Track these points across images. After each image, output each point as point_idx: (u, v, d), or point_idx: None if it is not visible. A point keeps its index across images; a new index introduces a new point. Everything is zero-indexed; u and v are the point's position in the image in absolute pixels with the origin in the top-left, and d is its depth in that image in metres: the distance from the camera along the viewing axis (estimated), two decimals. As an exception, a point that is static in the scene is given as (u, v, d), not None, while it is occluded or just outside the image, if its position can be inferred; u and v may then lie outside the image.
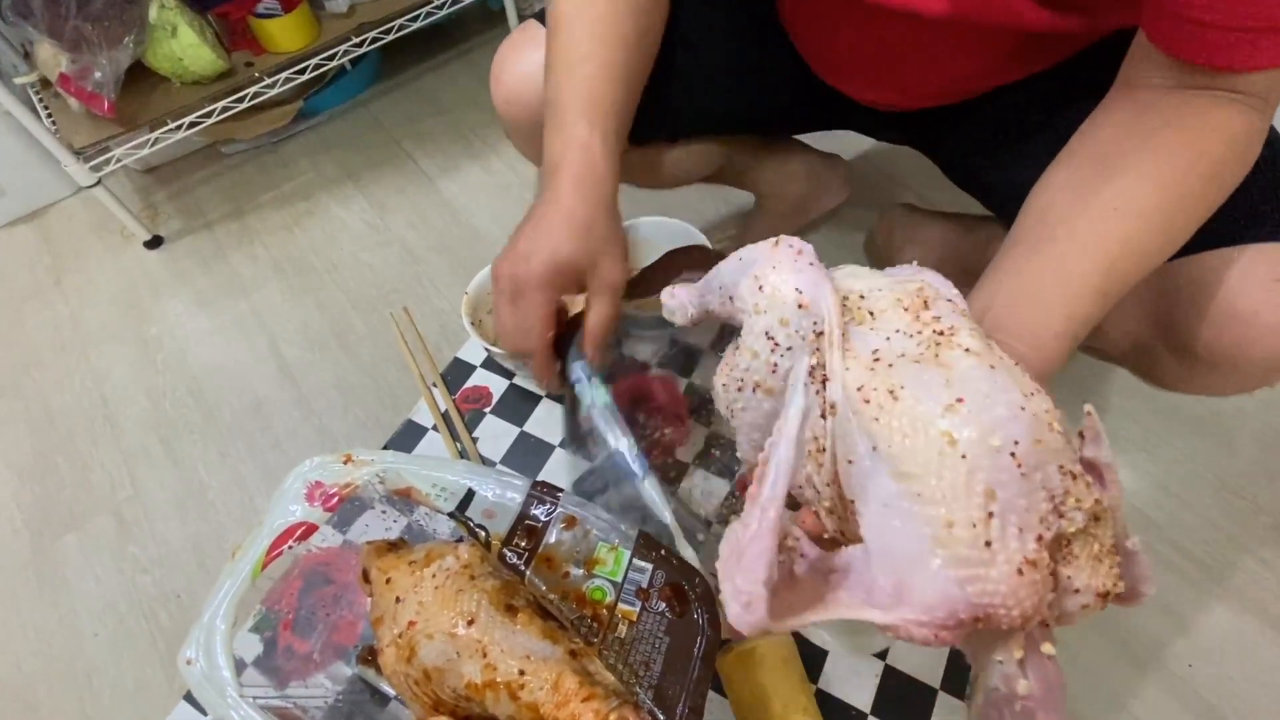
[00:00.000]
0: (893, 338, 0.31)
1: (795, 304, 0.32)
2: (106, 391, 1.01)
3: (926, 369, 0.29)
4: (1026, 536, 0.26)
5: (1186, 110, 0.40)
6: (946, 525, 0.26)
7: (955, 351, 0.29)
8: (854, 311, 0.33)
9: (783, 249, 0.34)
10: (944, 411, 0.27)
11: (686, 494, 0.63)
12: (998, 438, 0.26)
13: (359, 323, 1.05)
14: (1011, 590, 0.25)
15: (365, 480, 0.50)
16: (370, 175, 1.26)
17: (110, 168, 1.05)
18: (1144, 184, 0.39)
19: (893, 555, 0.27)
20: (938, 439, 0.27)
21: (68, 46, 0.98)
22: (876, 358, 0.30)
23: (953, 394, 0.27)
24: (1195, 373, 0.54)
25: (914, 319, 0.32)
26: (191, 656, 0.43)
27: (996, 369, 0.29)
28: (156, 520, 0.88)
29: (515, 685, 0.42)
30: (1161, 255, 0.40)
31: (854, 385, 0.29)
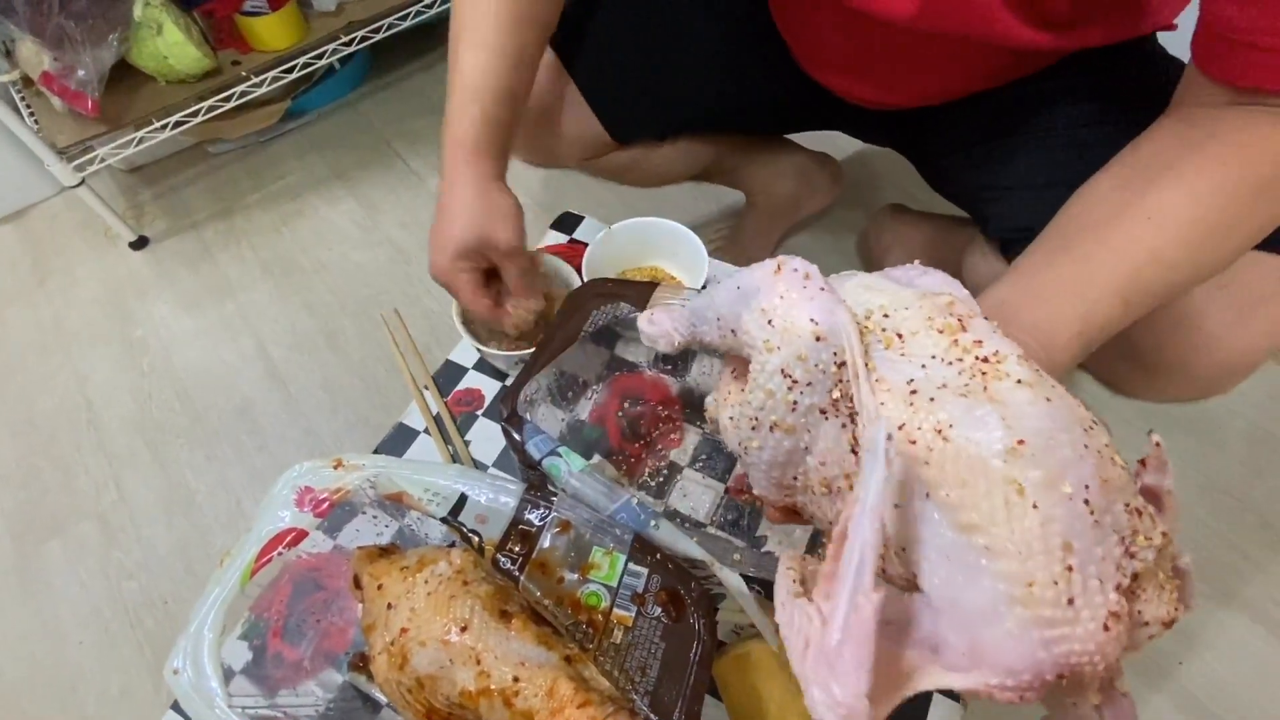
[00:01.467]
0: (929, 365, 0.28)
1: (812, 337, 0.29)
2: (90, 394, 1.00)
3: (976, 404, 0.26)
4: (1107, 588, 0.24)
5: (1236, 124, 0.38)
6: (1026, 584, 0.24)
7: (1005, 383, 0.26)
8: (878, 333, 0.30)
9: (787, 275, 0.30)
10: (1005, 455, 0.24)
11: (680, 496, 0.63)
12: (1068, 484, 0.24)
13: (348, 324, 1.04)
14: (1099, 646, 0.24)
15: (356, 485, 0.49)
16: (360, 175, 1.25)
17: (94, 167, 1.04)
18: (1181, 196, 0.37)
19: (963, 612, 0.25)
20: (1002, 486, 0.24)
21: (50, 44, 0.96)
22: (913, 389, 0.27)
23: (1012, 435, 0.25)
24: (1149, 379, 0.54)
25: (951, 343, 0.28)
26: (178, 666, 0.42)
27: (1053, 402, 0.26)
28: (142, 525, 0.87)
29: (509, 692, 0.41)
30: (1195, 270, 0.38)
31: (893, 423, 0.26)
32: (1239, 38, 0.37)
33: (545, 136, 0.71)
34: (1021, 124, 0.61)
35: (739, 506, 0.62)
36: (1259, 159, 0.37)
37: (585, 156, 0.75)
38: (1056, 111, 0.59)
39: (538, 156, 0.75)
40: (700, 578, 0.46)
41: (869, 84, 0.64)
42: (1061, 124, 0.59)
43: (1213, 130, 0.39)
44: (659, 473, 0.64)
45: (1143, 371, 0.54)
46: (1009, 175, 0.61)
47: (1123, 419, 0.87)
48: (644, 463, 0.65)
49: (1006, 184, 0.61)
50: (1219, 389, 0.52)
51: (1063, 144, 0.58)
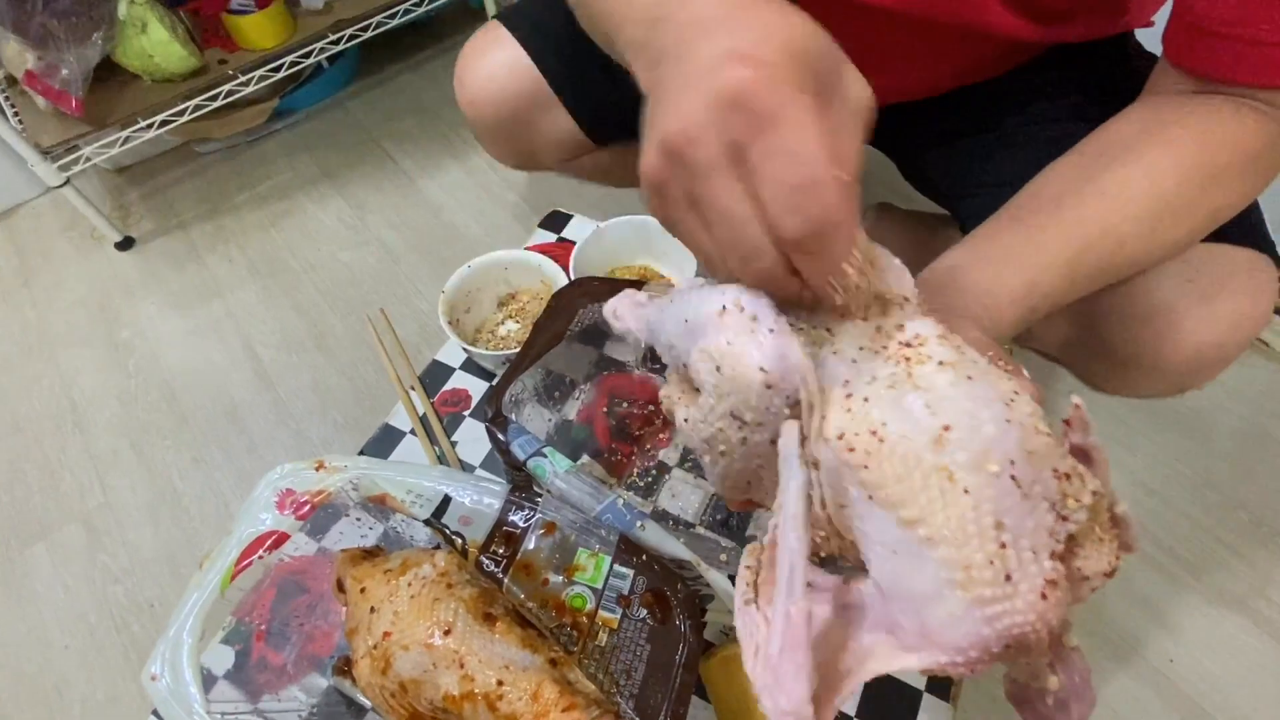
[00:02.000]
0: (858, 359, 0.28)
1: (763, 385, 0.27)
2: (76, 396, 0.99)
3: (903, 394, 0.26)
4: (1041, 557, 0.25)
5: (1199, 111, 0.39)
6: (964, 568, 0.24)
7: (928, 367, 0.27)
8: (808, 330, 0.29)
9: (731, 318, 0.28)
10: (933, 445, 0.25)
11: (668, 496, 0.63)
12: (994, 462, 0.25)
13: (337, 324, 1.03)
14: (1039, 614, 0.24)
15: (338, 487, 0.49)
16: (348, 174, 1.24)
17: (79, 167, 1.03)
18: (1137, 174, 0.38)
19: (911, 598, 0.26)
20: (935, 476, 0.25)
21: (34, 43, 0.95)
22: (849, 393, 0.27)
23: (938, 421, 0.25)
24: (1120, 374, 0.54)
25: (875, 331, 0.29)
26: (156, 672, 0.41)
27: (975, 379, 0.27)
28: (128, 528, 0.86)
29: (494, 696, 0.41)
30: (1147, 248, 0.39)
31: (834, 433, 0.27)
32: (1208, 28, 0.37)
33: (522, 139, 0.71)
34: (999, 121, 0.61)
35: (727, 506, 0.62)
36: (1218, 144, 0.38)
37: (564, 158, 0.74)
38: (1034, 108, 0.59)
39: (516, 159, 0.74)
40: (687, 579, 0.46)
41: None
42: (1039, 121, 0.59)
43: (1176, 116, 0.39)
44: (648, 472, 0.64)
45: (1115, 367, 0.54)
46: (986, 172, 0.61)
47: (1116, 418, 0.87)
48: (632, 462, 0.64)
49: (983, 181, 0.61)
50: (1192, 383, 0.52)
51: (1040, 141, 0.58)
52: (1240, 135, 0.38)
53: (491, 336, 0.74)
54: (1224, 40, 0.37)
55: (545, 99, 0.67)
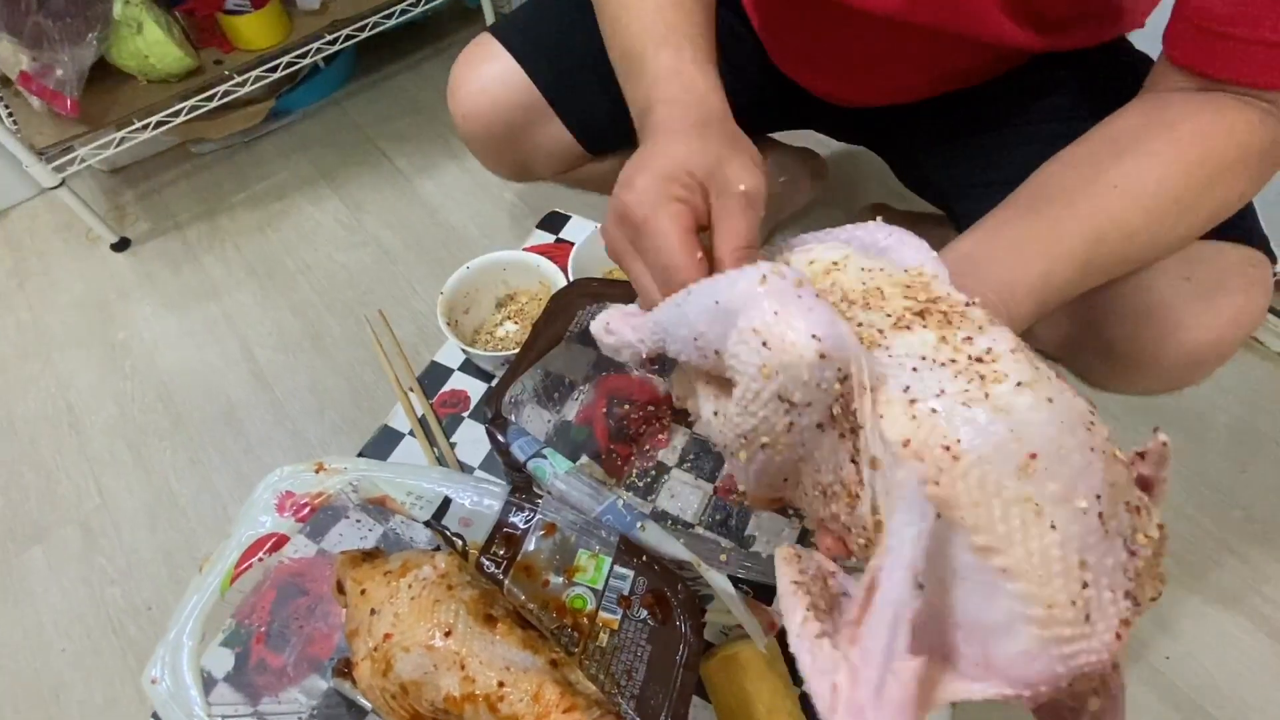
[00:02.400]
0: (920, 368, 0.26)
1: (816, 355, 0.25)
2: (72, 398, 0.99)
3: (979, 413, 0.24)
4: (1119, 596, 0.24)
5: (1205, 107, 0.39)
6: (1046, 606, 0.23)
7: (1005, 386, 0.25)
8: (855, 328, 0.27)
9: (775, 285, 0.26)
10: (1018, 473, 0.23)
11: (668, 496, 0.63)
12: (1082, 497, 0.23)
13: (334, 325, 1.03)
14: (1112, 654, 0.24)
15: (338, 489, 0.49)
16: (345, 175, 1.24)
17: (74, 168, 1.02)
18: (1147, 168, 0.38)
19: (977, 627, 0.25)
20: (1019, 507, 0.23)
21: (28, 43, 0.95)
22: (913, 399, 0.25)
23: (1023, 449, 0.23)
24: (1119, 371, 0.54)
25: (940, 340, 0.26)
26: (156, 675, 0.41)
27: (1055, 403, 0.25)
28: (125, 530, 0.86)
29: (495, 697, 0.41)
30: (1153, 242, 0.39)
31: (898, 438, 0.25)
32: (1209, 27, 0.37)
33: (517, 152, 0.70)
34: (995, 121, 0.61)
35: (727, 506, 0.62)
36: (1224, 140, 0.38)
37: (560, 170, 0.74)
38: (1030, 109, 0.59)
39: (510, 171, 0.74)
40: (687, 579, 0.46)
41: (846, 82, 0.64)
42: (1035, 121, 0.59)
43: (1182, 111, 0.40)
44: (647, 473, 0.64)
45: (1114, 364, 0.54)
46: (982, 173, 0.61)
47: (1110, 415, 0.88)
48: (631, 463, 0.64)
49: (980, 181, 0.61)
50: (1189, 380, 0.53)
51: (1035, 140, 0.58)
52: (1244, 133, 0.38)
53: (490, 337, 0.74)
54: (1225, 40, 0.37)
55: (539, 111, 0.67)
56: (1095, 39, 0.54)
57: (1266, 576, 0.76)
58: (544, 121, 0.68)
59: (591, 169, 0.74)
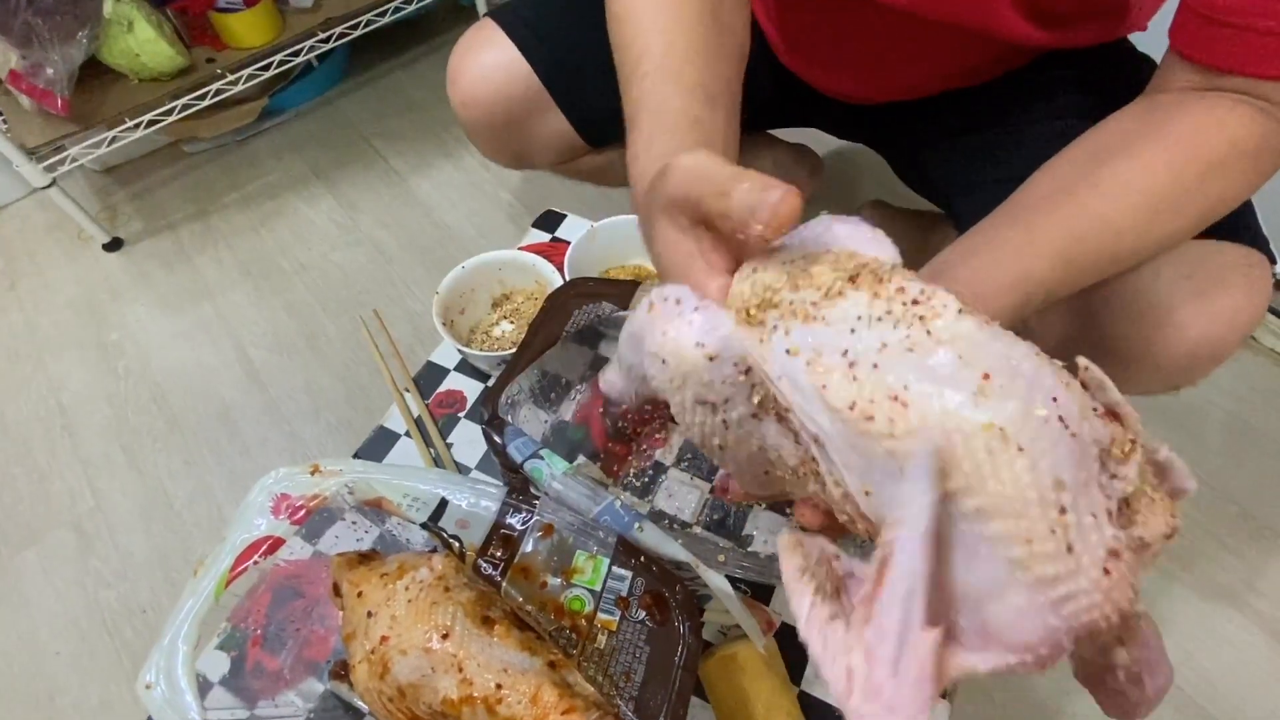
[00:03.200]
0: (858, 329, 0.25)
1: (705, 359, 0.27)
2: (65, 400, 0.98)
3: (926, 351, 0.23)
4: (1100, 522, 0.22)
5: (1195, 108, 0.39)
6: (1025, 542, 0.21)
7: (946, 317, 0.24)
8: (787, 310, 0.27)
9: (659, 309, 0.29)
10: (975, 398, 0.22)
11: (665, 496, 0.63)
12: (1040, 404, 0.22)
13: (329, 325, 1.03)
14: (1105, 594, 0.21)
15: (333, 491, 0.48)
16: (339, 174, 1.23)
17: (65, 168, 1.01)
18: (1132, 170, 0.38)
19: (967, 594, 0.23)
20: (980, 436, 0.22)
21: (18, 42, 0.94)
22: (851, 361, 0.24)
23: (974, 371, 0.22)
24: (1117, 370, 0.54)
25: (872, 296, 0.25)
26: (151, 680, 0.41)
27: (993, 323, 0.24)
28: (119, 533, 0.86)
29: (493, 700, 0.40)
30: (1142, 240, 0.39)
31: (844, 404, 0.24)
32: (1216, 17, 0.37)
33: (515, 140, 0.70)
34: (996, 120, 0.61)
35: (725, 506, 0.62)
36: (1213, 140, 0.38)
37: (558, 161, 0.73)
38: (1031, 108, 0.59)
39: (509, 159, 0.73)
40: (685, 580, 0.46)
41: (852, 78, 0.64)
42: (1036, 120, 0.59)
43: (1170, 113, 0.39)
44: (644, 473, 0.64)
45: (1112, 364, 0.54)
46: (982, 171, 0.61)
47: (1105, 412, 0.88)
48: (628, 463, 0.64)
49: (979, 179, 0.61)
50: (1187, 380, 0.53)
51: (1036, 140, 0.58)
52: (1236, 131, 0.38)
53: (486, 337, 0.73)
54: (1231, 29, 0.37)
55: (540, 100, 0.67)
56: (1100, 37, 0.54)
57: (1260, 572, 0.77)
58: (543, 112, 0.67)
59: (590, 161, 0.74)
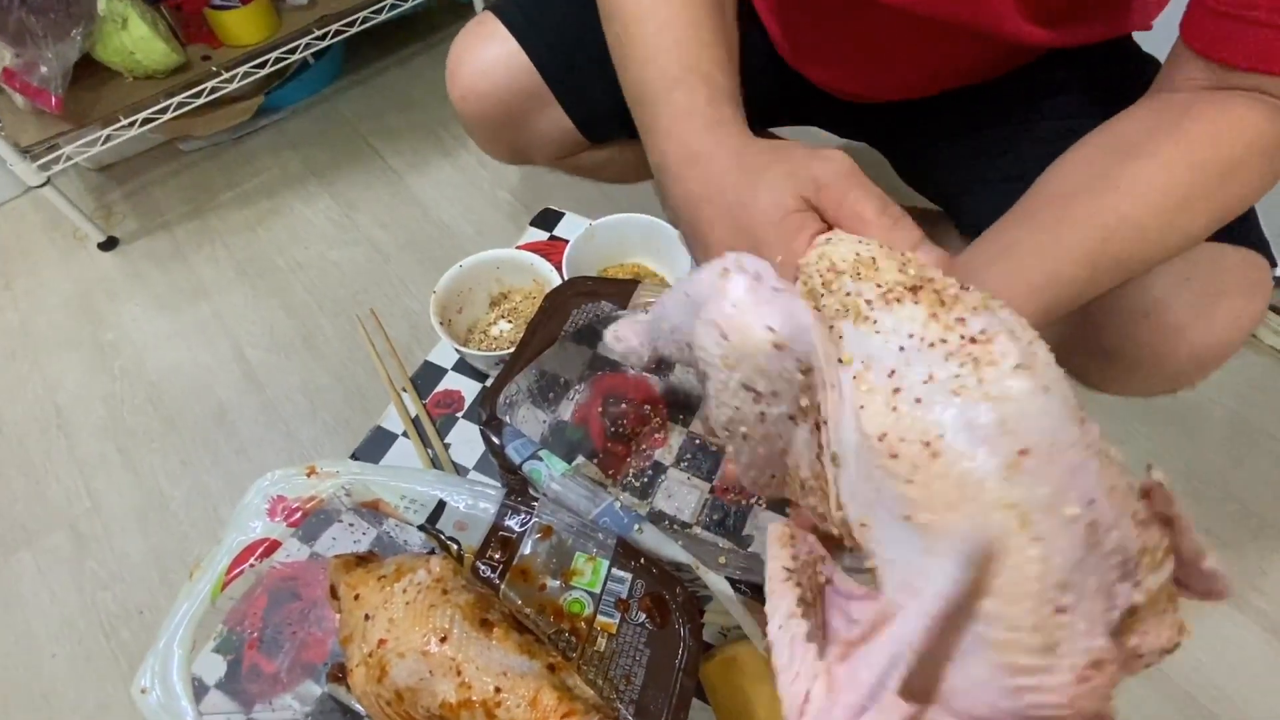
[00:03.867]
0: (908, 347, 0.23)
1: (771, 347, 0.25)
2: (60, 400, 0.97)
3: (969, 403, 0.21)
4: (1094, 632, 0.20)
5: (1211, 107, 0.39)
6: (1007, 628, 0.20)
7: (1001, 369, 0.22)
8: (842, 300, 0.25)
9: (734, 279, 0.26)
10: (1005, 472, 0.20)
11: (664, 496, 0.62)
12: (1074, 503, 0.20)
13: (326, 324, 1.02)
14: (1072, 700, 0.20)
15: (330, 493, 0.48)
16: (335, 172, 1.22)
17: (60, 166, 1.01)
18: (1153, 167, 0.37)
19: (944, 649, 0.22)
20: (999, 514, 0.20)
21: (11, 40, 0.93)
22: (896, 387, 0.23)
23: (1014, 444, 0.20)
24: (1117, 373, 0.54)
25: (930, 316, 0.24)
26: (146, 685, 0.40)
27: (1051, 391, 0.21)
28: (116, 534, 0.85)
29: (491, 703, 0.40)
30: (1163, 241, 0.38)
31: (875, 431, 0.22)
32: (1225, 10, 0.37)
33: (515, 135, 0.70)
34: (1000, 119, 0.60)
35: (725, 506, 0.61)
36: (1231, 140, 0.38)
37: (558, 156, 0.73)
38: (1034, 107, 0.59)
39: (508, 155, 0.73)
40: (685, 582, 0.45)
41: (855, 77, 0.63)
42: (1038, 119, 0.59)
43: (1189, 111, 0.39)
44: (643, 473, 0.63)
45: (1112, 366, 0.54)
46: (984, 169, 0.61)
47: (1105, 410, 0.88)
48: (628, 463, 0.64)
49: (981, 178, 0.61)
50: (1186, 382, 0.52)
51: (1038, 138, 0.58)
52: (1253, 130, 0.38)
53: (484, 337, 0.73)
54: (1240, 23, 0.36)
55: (540, 95, 0.66)
56: (1104, 35, 0.54)
57: (1261, 570, 0.76)
58: (543, 106, 0.67)
59: (590, 157, 0.74)
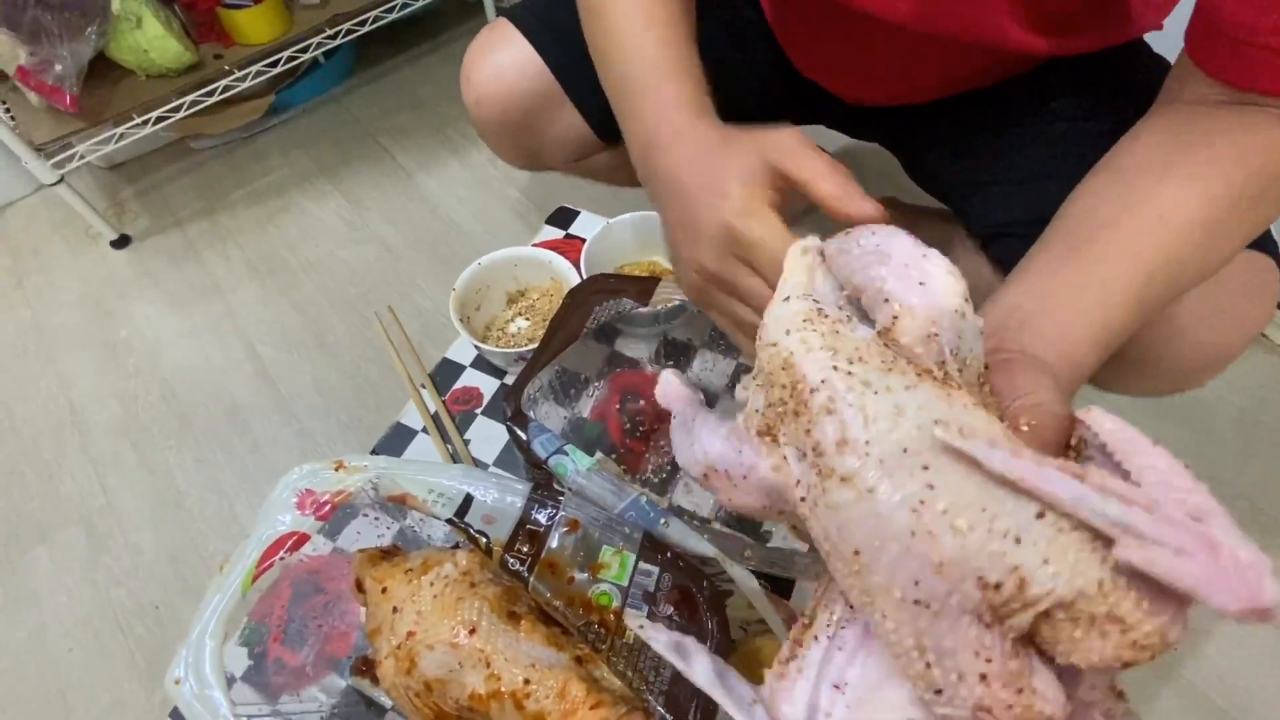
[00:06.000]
0: (800, 454, 0.27)
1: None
2: (74, 397, 0.98)
3: (820, 511, 0.26)
4: (969, 680, 0.23)
5: (1237, 124, 0.38)
6: (907, 676, 0.25)
7: (832, 482, 0.25)
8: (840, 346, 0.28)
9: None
10: (849, 566, 0.25)
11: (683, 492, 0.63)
12: (897, 588, 0.24)
13: (338, 322, 1.03)
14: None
15: (357, 487, 0.48)
16: (346, 171, 1.23)
17: (73, 164, 1.01)
18: (1190, 196, 0.36)
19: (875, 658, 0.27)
20: (863, 596, 0.25)
21: (26, 38, 0.93)
22: (798, 480, 0.27)
23: (848, 546, 0.25)
24: (1125, 373, 0.54)
25: (796, 427, 0.28)
26: (180, 676, 0.41)
27: (876, 491, 0.24)
28: (130, 530, 0.85)
29: (521, 694, 0.41)
30: (1199, 270, 0.38)
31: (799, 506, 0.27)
32: (1231, 34, 0.36)
33: (529, 139, 0.70)
34: (1007, 120, 0.61)
35: (741, 502, 0.62)
36: (1261, 159, 0.37)
37: (572, 158, 0.73)
38: (1042, 109, 0.59)
39: (522, 159, 0.73)
40: (711, 575, 0.46)
41: (861, 83, 0.64)
42: (1047, 120, 0.59)
43: (1213, 129, 0.38)
44: (661, 469, 0.64)
45: (1120, 367, 0.54)
46: (992, 170, 0.61)
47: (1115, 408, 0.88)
48: (646, 459, 0.64)
49: (989, 179, 0.61)
50: (1195, 382, 0.53)
51: (1047, 140, 0.58)
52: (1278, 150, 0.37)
53: (501, 334, 0.73)
54: (1248, 47, 0.36)
55: (554, 98, 0.66)
56: (1107, 41, 0.54)
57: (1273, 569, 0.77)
58: (557, 108, 0.67)
59: (602, 159, 0.74)
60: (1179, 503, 0.21)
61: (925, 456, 0.24)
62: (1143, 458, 0.24)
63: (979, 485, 0.23)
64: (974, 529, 0.23)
